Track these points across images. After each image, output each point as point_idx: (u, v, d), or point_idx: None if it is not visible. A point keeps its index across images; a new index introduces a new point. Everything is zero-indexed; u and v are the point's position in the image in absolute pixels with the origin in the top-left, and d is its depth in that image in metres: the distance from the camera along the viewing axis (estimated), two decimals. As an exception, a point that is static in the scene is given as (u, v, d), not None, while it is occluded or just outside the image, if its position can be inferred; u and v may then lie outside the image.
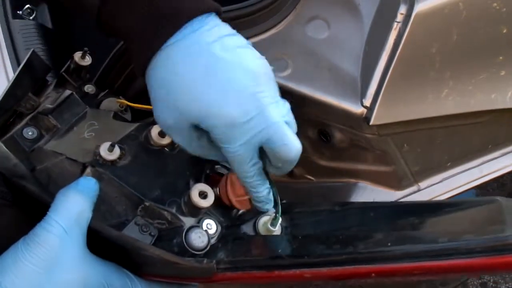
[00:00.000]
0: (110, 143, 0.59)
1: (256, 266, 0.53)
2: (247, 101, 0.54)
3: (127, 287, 0.55)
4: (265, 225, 0.62)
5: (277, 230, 0.62)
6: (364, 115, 0.78)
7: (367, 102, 0.78)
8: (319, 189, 0.91)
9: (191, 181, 0.62)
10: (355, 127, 0.81)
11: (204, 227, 0.60)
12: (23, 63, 0.62)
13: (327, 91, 0.79)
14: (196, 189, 0.58)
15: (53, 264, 0.50)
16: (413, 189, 0.89)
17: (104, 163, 0.59)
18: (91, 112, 0.66)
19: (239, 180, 0.59)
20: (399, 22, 0.76)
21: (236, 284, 0.56)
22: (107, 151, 0.59)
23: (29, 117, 0.63)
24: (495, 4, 0.77)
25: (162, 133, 0.63)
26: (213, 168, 0.66)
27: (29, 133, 0.63)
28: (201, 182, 0.62)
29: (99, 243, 0.54)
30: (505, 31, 0.80)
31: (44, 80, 0.68)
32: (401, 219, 0.53)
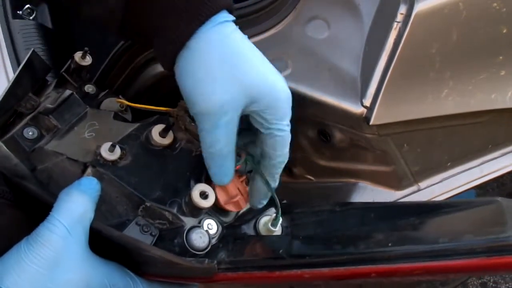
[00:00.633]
0: (111, 143, 0.59)
1: (257, 266, 0.53)
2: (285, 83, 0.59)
3: (129, 286, 0.55)
4: (265, 225, 0.62)
5: (278, 230, 0.63)
6: (364, 115, 0.78)
7: (367, 102, 0.78)
8: (319, 189, 0.91)
9: (192, 181, 0.62)
10: (355, 127, 0.80)
11: (205, 227, 0.60)
12: (23, 62, 0.62)
13: (327, 91, 0.79)
14: (197, 189, 0.58)
15: (56, 264, 0.50)
16: (413, 189, 0.89)
17: (105, 163, 0.59)
18: (92, 112, 0.66)
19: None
20: (399, 22, 0.76)
21: (236, 284, 0.56)
22: (108, 151, 0.59)
23: (29, 117, 0.63)
24: (495, 4, 0.77)
25: (163, 133, 0.63)
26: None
27: (30, 133, 0.63)
28: (201, 182, 0.62)
29: (101, 243, 0.54)
30: (505, 31, 0.80)
31: (44, 80, 0.68)
32: (402, 219, 0.53)
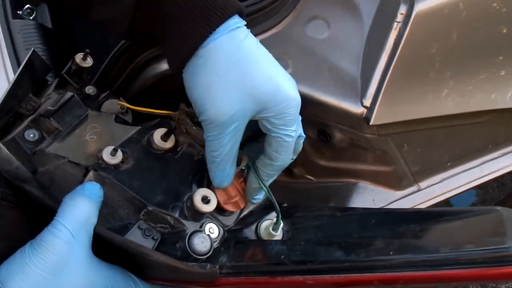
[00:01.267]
0: (113, 147, 0.59)
1: (259, 271, 0.53)
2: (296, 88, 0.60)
3: None
4: (267, 230, 0.63)
5: (279, 234, 0.63)
6: (364, 115, 0.78)
7: (367, 102, 0.78)
8: (319, 189, 0.91)
9: (194, 186, 0.62)
10: (355, 127, 0.80)
11: (206, 231, 0.60)
12: (23, 63, 0.62)
13: (327, 91, 0.79)
14: (199, 194, 0.58)
15: (59, 269, 0.50)
16: (413, 189, 0.89)
17: (106, 167, 0.59)
18: (93, 114, 0.66)
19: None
20: (399, 22, 0.76)
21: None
22: (110, 155, 0.59)
23: (30, 118, 0.63)
24: (495, 4, 0.77)
25: (164, 137, 0.63)
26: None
27: (31, 135, 0.63)
28: (203, 186, 0.62)
29: (104, 247, 0.55)
30: (505, 31, 0.79)
31: (44, 80, 0.68)
32: (402, 226, 0.53)
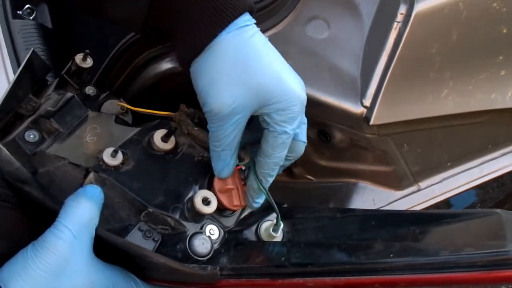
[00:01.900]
0: (113, 148, 0.59)
1: (259, 273, 0.53)
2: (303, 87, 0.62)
3: None
4: (267, 231, 0.63)
5: (279, 235, 0.63)
6: (364, 115, 0.78)
7: (367, 102, 0.78)
8: (319, 189, 0.90)
9: (194, 187, 0.62)
10: (355, 127, 0.80)
11: (207, 232, 0.60)
12: (23, 63, 0.62)
13: (327, 91, 0.79)
14: (199, 195, 0.58)
15: (61, 270, 0.51)
16: (413, 189, 0.89)
17: (107, 168, 0.59)
18: (93, 115, 0.66)
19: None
20: (399, 22, 0.76)
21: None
22: (110, 156, 0.59)
23: (30, 119, 0.63)
24: (495, 4, 0.77)
25: (164, 138, 0.63)
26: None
27: (31, 136, 0.63)
28: (204, 188, 0.62)
29: (105, 248, 0.55)
30: (505, 31, 0.79)
31: (44, 80, 0.68)
32: (402, 228, 0.53)
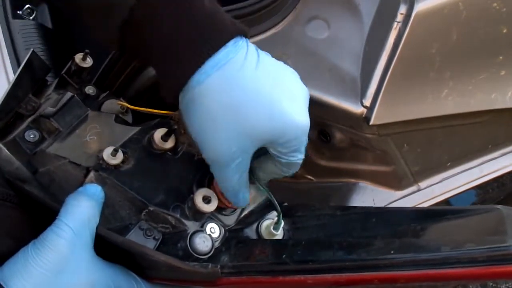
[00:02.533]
0: (113, 147, 0.59)
1: (260, 271, 0.53)
2: (306, 109, 0.55)
3: None
4: (267, 229, 0.63)
5: (280, 233, 0.63)
6: (364, 115, 0.78)
7: (367, 102, 0.78)
8: (319, 189, 0.91)
9: (195, 186, 0.62)
10: (355, 127, 0.81)
11: (207, 231, 0.60)
12: (23, 63, 0.62)
13: (327, 91, 0.79)
14: (200, 194, 0.58)
15: (62, 268, 0.51)
16: (413, 189, 0.89)
17: (107, 167, 0.59)
18: (93, 114, 0.66)
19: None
20: (399, 22, 0.76)
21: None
22: (110, 155, 0.59)
23: (30, 119, 0.63)
24: (495, 4, 0.77)
25: (165, 137, 0.62)
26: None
27: (31, 136, 0.62)
28: (204, 186, 0.62)
29: (105, 246, 0.55)
30: (505, 31, 0.80)
31: (44, 80, 0.68)
32: (403, 225, 0.53)
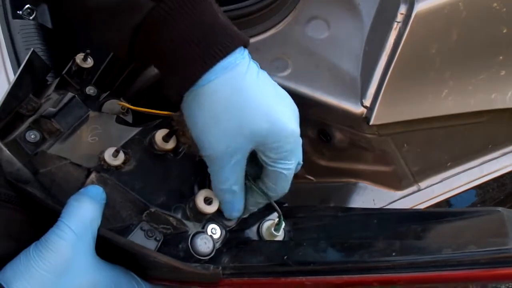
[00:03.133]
0: (114, 148, 0.59)
1: (261, 272, 0.53)
2: (298, 125, 0.58)
3: None
4: (268, 230, 0.63)
5: (281, 235, 0.63)
6: (364, 115, 0.78)
7: (367, 102, 0.78)
8: (319, 189, 0.91)
9: (196, 187, 0.62)
10: (355, 127, 0.81)
11: (209, 232, 0.60)
12: (23, 63, 0.62)
13: (327, 91, 0.79)
14: (201, 195, 0.58)
15: (64, 270, 0.51)
16: (413, 189, 0.89)
17: (108, 168, 0.59)
18: (94, 115, 0.66)
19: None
20: (399, 22, 0.76)
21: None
22: (112, 156, 0.59)
23: (31, 119, 0.63)
24: (495, 4, 0.77)
25: (166, 138, 0.63)
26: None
27: (32, 136, 0.62)
28: (205, 187, 0.62)
29: (107, 247, 0.55)
30: (505, 31, 0.80)
31: (44, 80, 0.68)
32: (404, 227, 0.54)
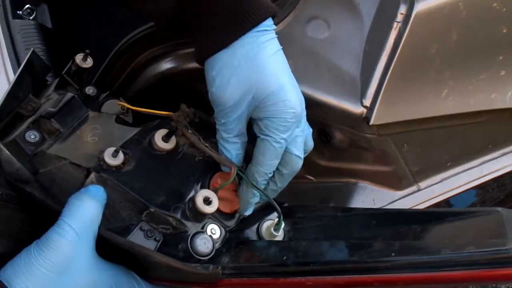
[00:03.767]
0: (114, 148, 0.59)
1: (261, 272, 0.53)
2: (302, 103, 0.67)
3: None
4: (268, 230, 0.63)
5: (280, 235, 0.63)
6: (364, 115, 0.78)
7: (367, 102, 0.78)
8: (319, 189, 0.90)
9: (195, 187, 0.62)
10: (355, 127, 0.80)
11: (208, 232, 0.60)
12: (23, 63, 0.62)
13: (327, 91, 0.79)
14: (200, 195, 0.58)
15: (64, 268, 0.51)
16: (413, 189, 0.89)
17: (108, 168, 0.59)
18: (93, 115, 0.66)
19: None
20: (399, 22, 0.76)
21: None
22: (111, 156, 0.59)
23: (30, 120, 0.63)
24: (495, 4, 0.77)
25: (165, 138, 0.63)
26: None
27: (32, 137, 0.62)
28: (205, 187, 0.62)
29: (107, 247, 0.55)
30: (505, 31, 0.79)
31: (44, 80, 0.68)
32: (404, 227, 0.53)
